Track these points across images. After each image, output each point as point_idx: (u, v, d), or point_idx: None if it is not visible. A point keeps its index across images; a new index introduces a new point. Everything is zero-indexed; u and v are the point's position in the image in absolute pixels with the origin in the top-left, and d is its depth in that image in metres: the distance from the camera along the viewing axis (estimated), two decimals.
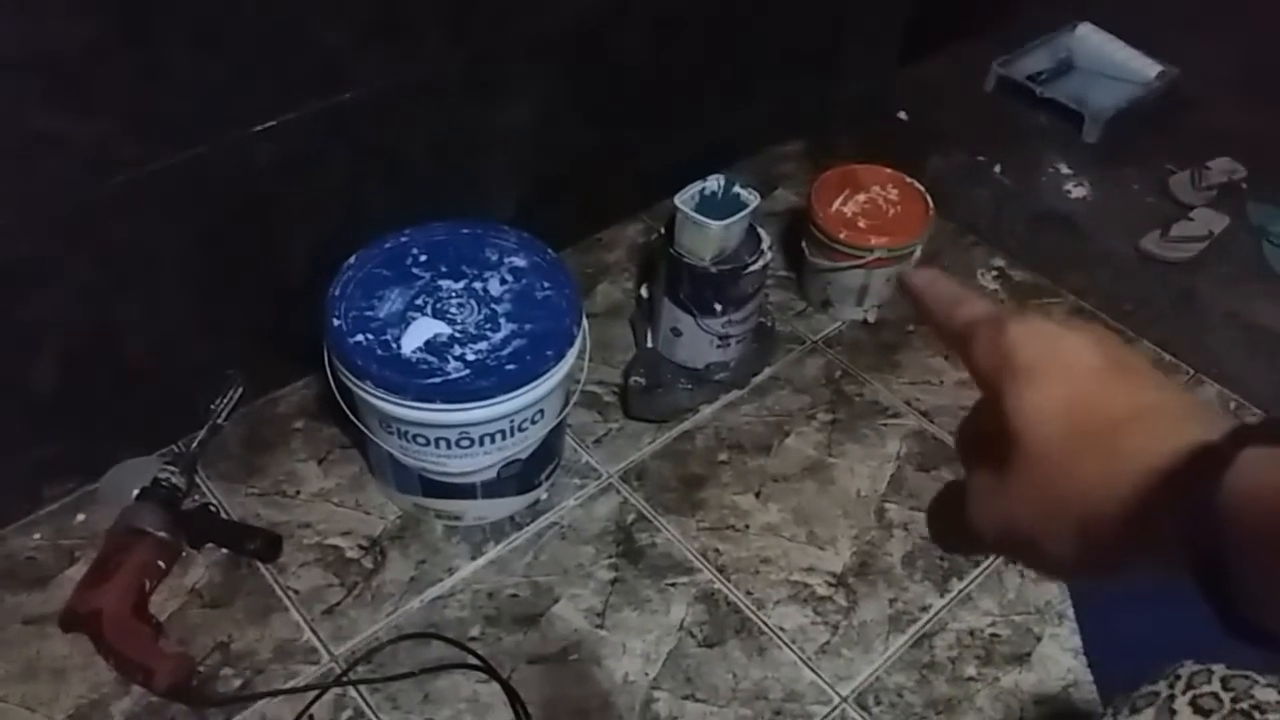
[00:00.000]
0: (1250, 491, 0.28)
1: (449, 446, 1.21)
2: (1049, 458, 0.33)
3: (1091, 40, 1.98)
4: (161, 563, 1.24)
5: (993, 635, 1.27)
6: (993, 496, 0.35)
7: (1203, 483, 0.28)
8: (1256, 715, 0.80)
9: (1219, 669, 0.85)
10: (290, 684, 1.18)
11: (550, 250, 1.29)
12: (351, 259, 1.24)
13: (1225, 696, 0.82)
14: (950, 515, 0.38)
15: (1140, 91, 1.89)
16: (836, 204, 1.58)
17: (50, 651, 1.19)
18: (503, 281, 1.24)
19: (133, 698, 1.16)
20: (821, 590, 1.31)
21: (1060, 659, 1.25)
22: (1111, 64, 1.96)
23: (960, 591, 1.32)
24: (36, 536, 1.29)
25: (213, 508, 1.33)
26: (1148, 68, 1.92)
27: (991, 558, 1.35)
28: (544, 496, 1.38)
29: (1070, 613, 1.29)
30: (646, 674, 1.22)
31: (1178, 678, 0.85)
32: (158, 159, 1.15)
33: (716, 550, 1.34)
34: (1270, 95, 1.81)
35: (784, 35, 1.76)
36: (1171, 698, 0.84)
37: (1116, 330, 1.60)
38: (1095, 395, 0.34)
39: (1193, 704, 0.82)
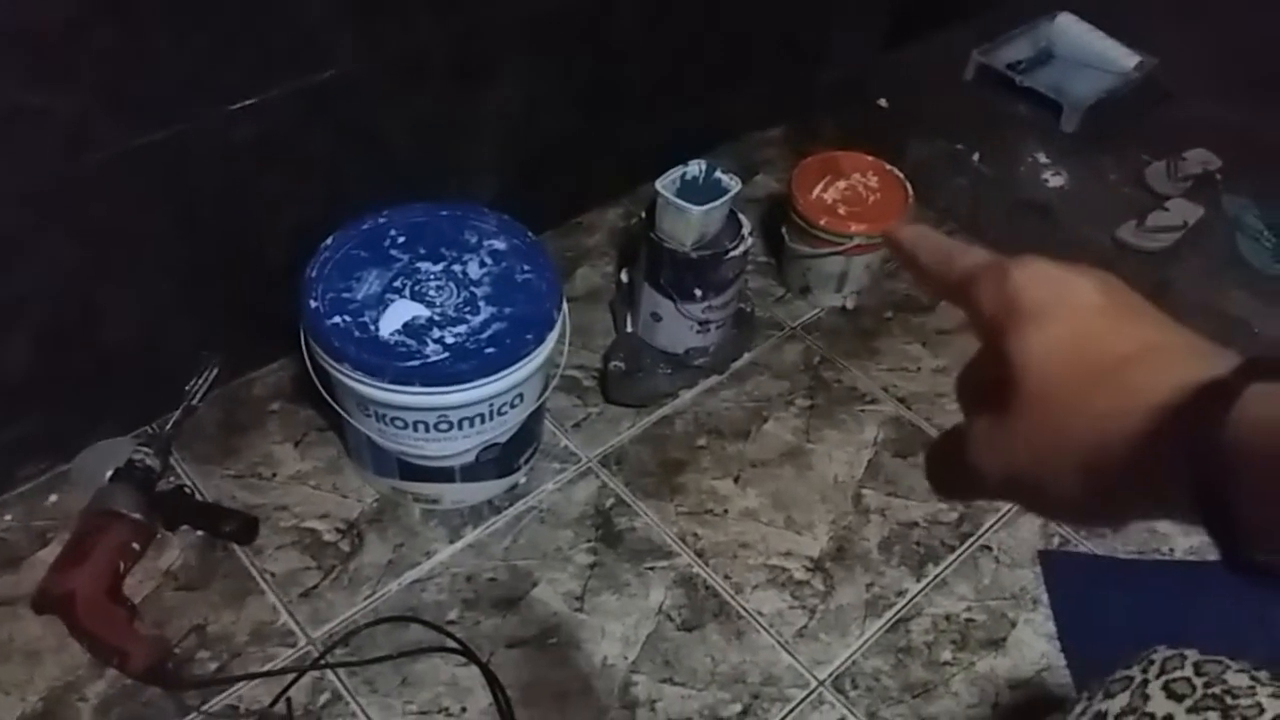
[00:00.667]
0: (1257, 426, 0.28)
1: (427, 430, 1.20)
2: (1054, 396, 0.33)
3: (1071, 30, 1.98)
4: (136, 545, 1.23)
5: (968, 620, 1.29)
6: (996, 439, 0.35)
7: (1209, 418, 0.28)
8: (1228, 700, 0.81)
9: (1192, 654, 0.86)
10: (267, 667, 1.17)
11: (530, 233, 1.28)
12: (329, 240, 1.23)
13: (1198, 681, 0.83)
14: (951, 461, 0.38)
15: (1118, 82, 1.90)
16: (817, 190, 1.58)
17: (23, 634, 1.18)
18: (482, 264, 1.24)
19: (107, 680, 1.15)
20: (799, 575, 1.32)
21: (1035, 644, 1.27)
22: (1090, 54, 1.97)
23: (936, 576, 1.33)
24: (8, 517, 1.28)
25: (188, 489, 1.32)
26: (1126, 58, 1.93)
27: (965, 543, 1.36)
28: (523, 480, 1.38)
29: (1045, 598, 1.31)
30: (625, 657, 1.22)
31: (1151, 662, 0.86)
32: (136, 136, 1.13)
33: (695, 534, 1.35)
34: (1246, 87, 1.83)
35: (768, 20, 1.76)
36: (1145, 682, 0.84)
37: None
38: (1101, 334, 0.34)
39: (1165, 688, 0.83)
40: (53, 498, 1.30)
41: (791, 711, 1.19)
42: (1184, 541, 1.37)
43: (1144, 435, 0.31)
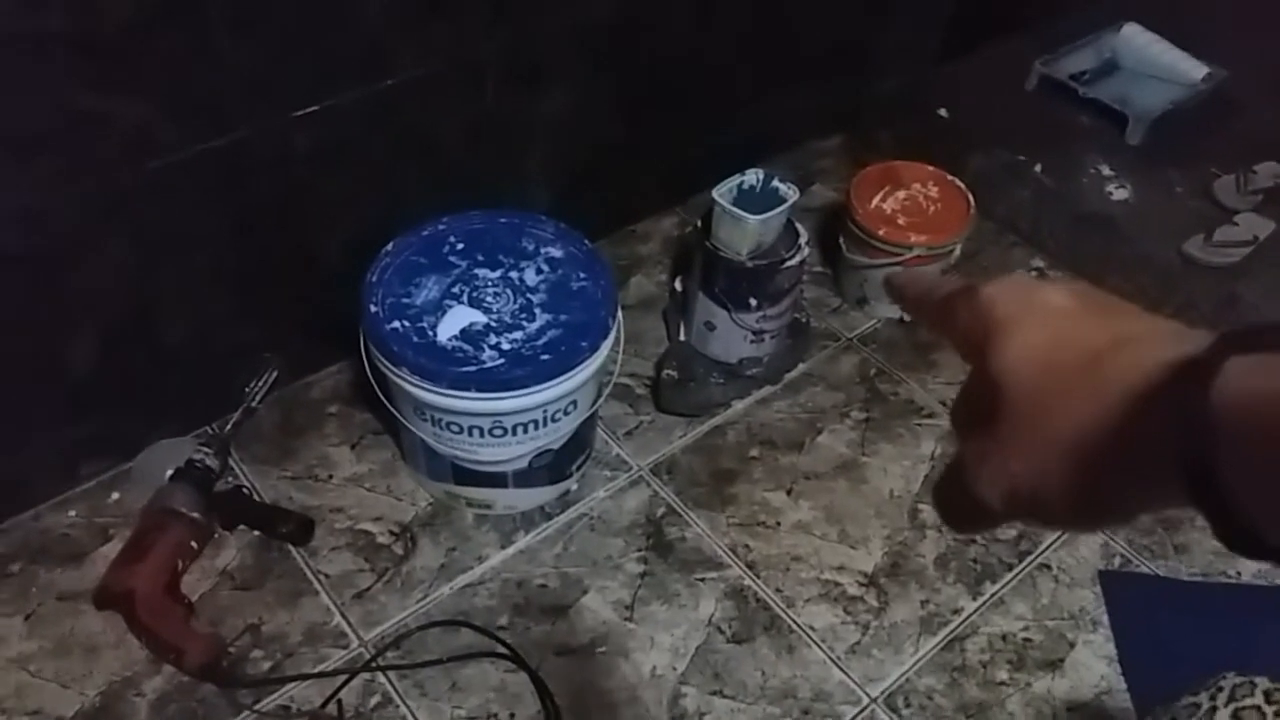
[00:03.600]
0: (1239, 400, 0.28)
1: (482, 435, 1.21)
2: (1035, 401, 0.33)
3: (1137, 40, 1.95)
4: (194, 543, 1.25)
5: (1025, 640, 1.26)
6: (989, 459, 0.35)
7: (1190, 396, 0.28)
8: None
9: (1262, 681, 0.83)
10: (319, 668, 1.18)
11: (586, 241, 1.28)
12: (389, 245, 1.24)
13: (1269, 710, 0.81)
14: (956, 494, 0.37)
15: (1186, 93, 1.86)
16: (876, 200, 1.57)
17: (84, 628, 1.20)
18: (539, 271, 1.24)
19: (164, 677, 1.16)
20: (852, 590, 1.30)
21: (1094, 666, 1.24)
22: (1157, 65, 1.93)
23: (993, 595, 1.30)
24: (72, 513, 1.30)
25: (245, 490, 1.33)
26: (1194, 69, 1.89)
27: (1024, 561, 1.33)
28: (574, 487, 1.38)
29: (1105, 619, 1.28)
30: (674, 668, 1.21)
31: (1219, 689, 0.83)
32: (197, 142, 1.15)
33: (746, 546, 1.33)
34: None
35: (823, 29, 1.75)
36: (1213, 709, 0.82)
37: None
38: (1074, 334, 0.34)
39: (1235, 716, 0.81)
40: (114, 495, 1.32)
41: None
42: (1252, 565, 1.33)
43: (1126, 421, 0.31)
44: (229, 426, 1.34)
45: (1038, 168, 1.77)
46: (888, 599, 1.29)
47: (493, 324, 1.18)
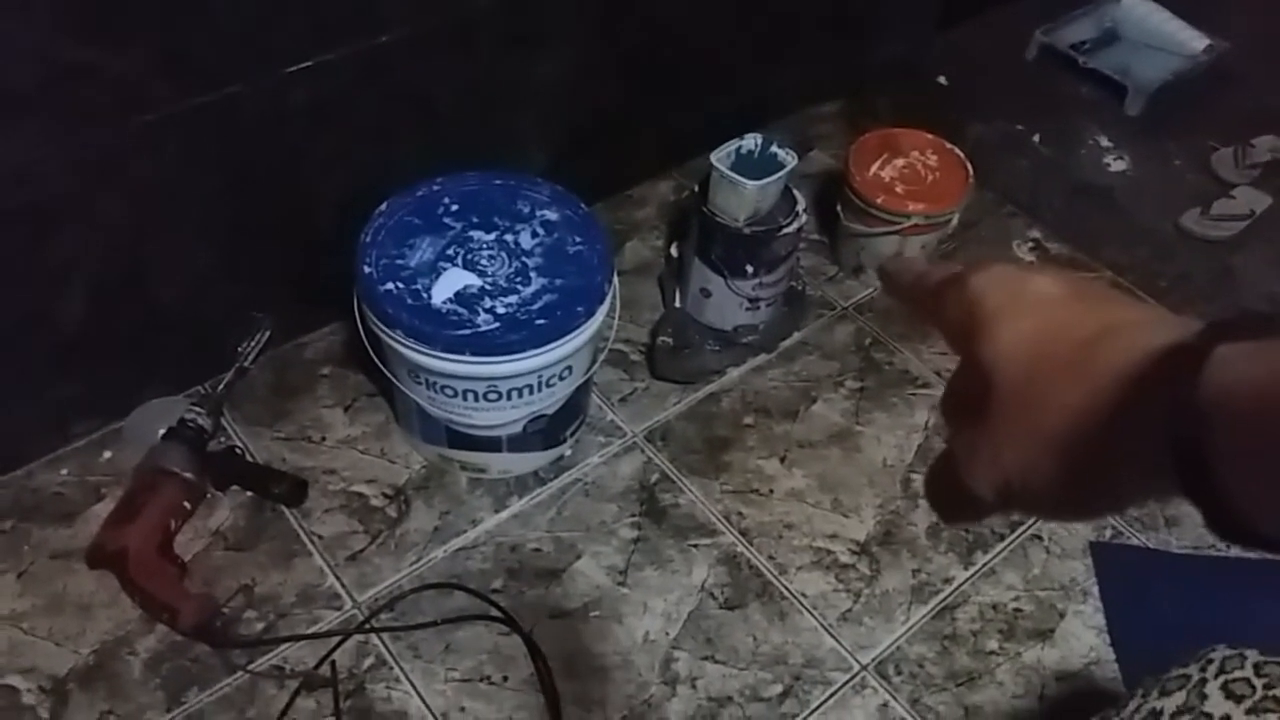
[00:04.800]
0: (1228, 387, 0.27)
1: (476, 399, 1.20)
2: (1025, 391, 0.33)
3: (1137, 10, 1.93)
4: (187, 503, 1.24)
5: (1016, 610, 1.27)
6: (979, 450, 0.35)
7: (1180, 383, 0.28)
8: None
9: (1252, 654, 0.84)
10: (313, 629, 1.18)
11: (583, 205, 1.27)
12: (383, 205, 1.23)
13: (1258, 682, 0.81)
14: (947, 485, 0.37)
15: (1186, 65, 1.85)
16: (874, 168, 1.56)
17: (77, 587, 1.20)
18: (534, 235, 1.23)
19: (157, 636, 1.16)
20: (844, 558, 1.30)
21: (1083, 636, 1.25)
22: (1157, 35, 1.91)
23: (984, 565, 1.31)
24: (64, 472, 1.30)
25: (239, 450, 1.33)
26: (1195, 40, 1.88)
27: (1015, 531, 1.34)
28: (568, 453, 1.37)
29: (1095, 590, 1.29)
30: (667, 633, 1.22)
31: (1210, 661, 0.84)
32: (190, 97, 1.13)
33: (740, 513, 1.34)
34: None
35: None
36: (1203, 681, 0.83)
37: None
38: (1062, 322, 0.34)
39: (1224, 688, 0.82)
40: (107, 454, 1.31)
41: (833, 695, 1.19)
42: None
43: (1117, 409, 0.30)
44: (221, 386, 1.34)
45: (1036, 137, 1.76)
46: (879, 567, 1.30)
47: (488, 287, 1.17)
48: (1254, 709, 0.79)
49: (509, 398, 1.21)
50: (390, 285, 1.16)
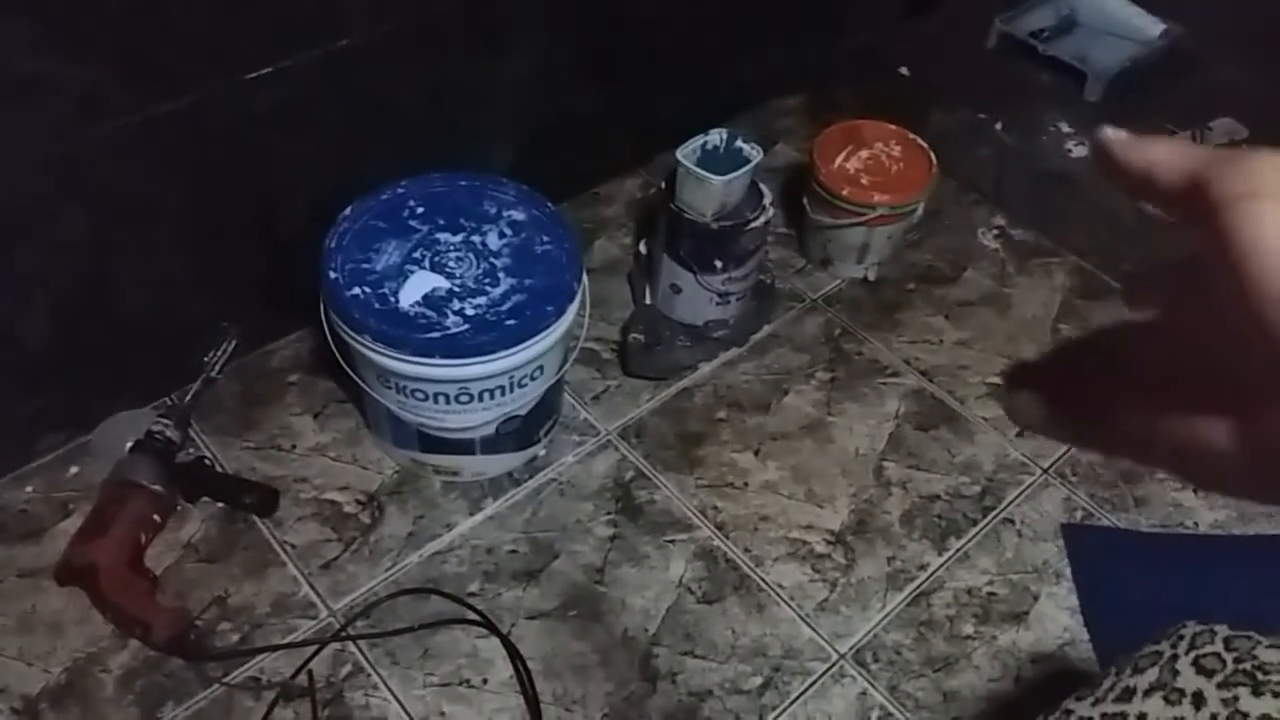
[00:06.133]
0: None
1: (448, 402, 1.20)
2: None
3: None
4: (157, 516, 1.23)
5: (990, 594, 1.28)
6: (1173, 339, 0.29)
7: None
8: (1259, 675, 0.80)
9: (1221, 629, 0.85)
10: (289, 639, 1.17)
11: (550, 204, 1.27)
12: (347, 210, 1.22)
13: (1228, 657, 0.82)
14: (1069, 378, 0.32)
15: (1143, 50, 1.87)
16: (839, 160, 1.56)
17: (46, 605, 1.18)
18: (501, 235, 1.23)
19: (130, 651, 1.15)
20: (820, 548, 1.31)
21: (1057, 618, 1.26)
22: (1115, 21, 1.94)
23: (958, 550, 1.32)
24: (29, 489, 1.28)
25: (208, 461, 1.31)
26: (1151, 26, 1.90)
27: (987, 516, 1.35)
28: (542, 453, 1.37)
29: (1068, 572, 1.30)
30: (646, 629, 1.22)
31: (1180, 637, 0.85)
32: (150, 106, 1.12)
33: (715, 507, 1.34)
34: (1274, 56, 1.80)
35: None
36: (1174, 657, 0.84)
37: (1115, 291, 1.60)
38: None
39: (1195, 664, 0.83)
40: (73, 469, 1.30)
41: (813, 685, 1.19)
42: (1209, 515, 1.36)
43: None
44: (189, 397, 1.32)
45: (998, 125, 1.78)
46: (855, 556, 1.31)
47: (456, 289, 1.17)
48: (1225, 683, 0.80)
49: (480, 400, 1.20)
50: (357, 290, 1.15)
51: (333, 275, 1.16)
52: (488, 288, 1.17)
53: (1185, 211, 0.29)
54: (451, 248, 1.21)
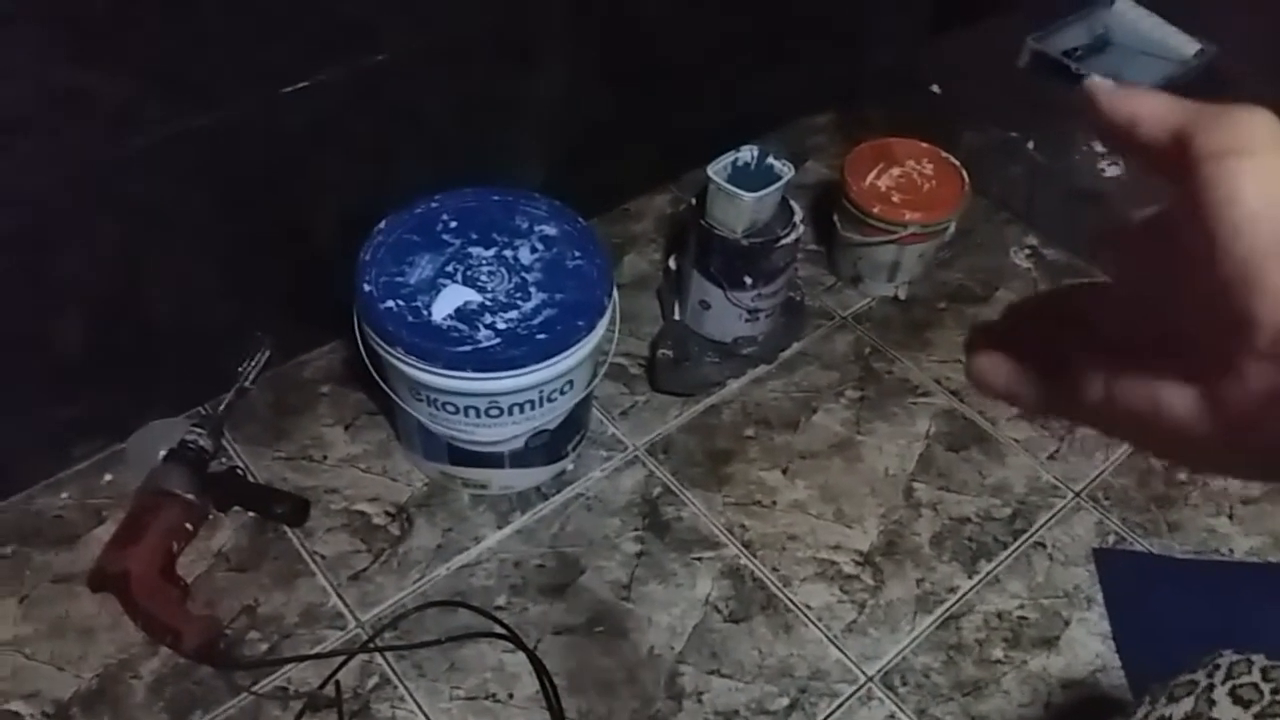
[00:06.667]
0: None
1: (478, 415, 1.20)
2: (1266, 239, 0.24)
3: (1129, 16, 1.94)
4: (189, 525, 1.24)
5: (1021, 618, 1.27)
6: (1144, 295, 0.29)
7: None
8: None
9: (1259, 659, 0.84)
10: (316, 649, 1.18)
11: (581, 219, 1.28)
12: (381, 224, 1.23)
13: (1265, 688, 0.81)
14: (1037, 333, 0.31)
15: (1178, 69, 1.86)
16: (870, 177, 1.56)
17: (79, 611, 1.19)
18: (533, 250, 1.23)
19: (160, 659, 1.16)
20: (848, 569, 1.30)
21: (1089, 644, 1.25)
22: (1149, 41, 1.92)
23: (988, 573, 1.31)
24: (64, 495, 1.29)
25: (240, 471, 1.32)
26: (1186, 45, 1.89)
27: (1018, 540, 1.34)
28: (570, 468, 1.37)
29: (1099, 597, 1.29)
30: (672, 647, 1.22)
31: (1217, 667, 0.84)
32: (184, 119, 1.13)
33: (743, 526, 1.33)
34: None
35: (816, 4, 1.73)
36: (1210, 687, 0.83)
37: None
38: None
39: (1232, 694, 0.81)
40: (108, 477, 1.31)
41: (840, 707, 1.18)
42: (1244, 542, 1.35)
43: None
44: (222, 407, 1.33)
45: (1030, 144, 1.76)
46: (883, 577, 1.30)
47: (488, 303, 1.17)
48: (1262, 714, 0.79)
49: (510, 413, 1.20)
50: (390, 303, 1.16)
51: (367, 288, 1.17)
52: (519, 302, 1.18)
53: (1166, 166, 0.28)
54: (484, 262, 1.21)
